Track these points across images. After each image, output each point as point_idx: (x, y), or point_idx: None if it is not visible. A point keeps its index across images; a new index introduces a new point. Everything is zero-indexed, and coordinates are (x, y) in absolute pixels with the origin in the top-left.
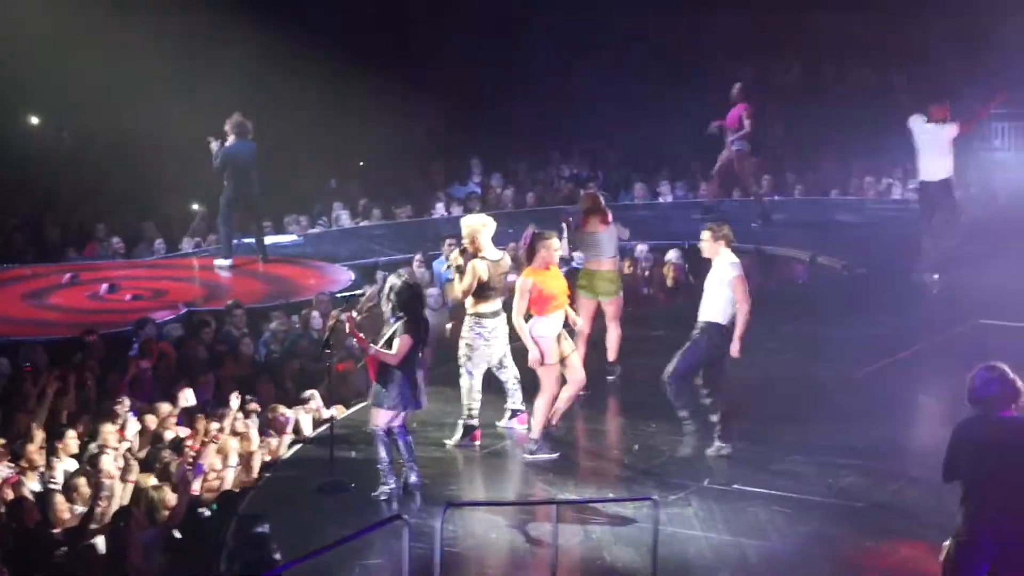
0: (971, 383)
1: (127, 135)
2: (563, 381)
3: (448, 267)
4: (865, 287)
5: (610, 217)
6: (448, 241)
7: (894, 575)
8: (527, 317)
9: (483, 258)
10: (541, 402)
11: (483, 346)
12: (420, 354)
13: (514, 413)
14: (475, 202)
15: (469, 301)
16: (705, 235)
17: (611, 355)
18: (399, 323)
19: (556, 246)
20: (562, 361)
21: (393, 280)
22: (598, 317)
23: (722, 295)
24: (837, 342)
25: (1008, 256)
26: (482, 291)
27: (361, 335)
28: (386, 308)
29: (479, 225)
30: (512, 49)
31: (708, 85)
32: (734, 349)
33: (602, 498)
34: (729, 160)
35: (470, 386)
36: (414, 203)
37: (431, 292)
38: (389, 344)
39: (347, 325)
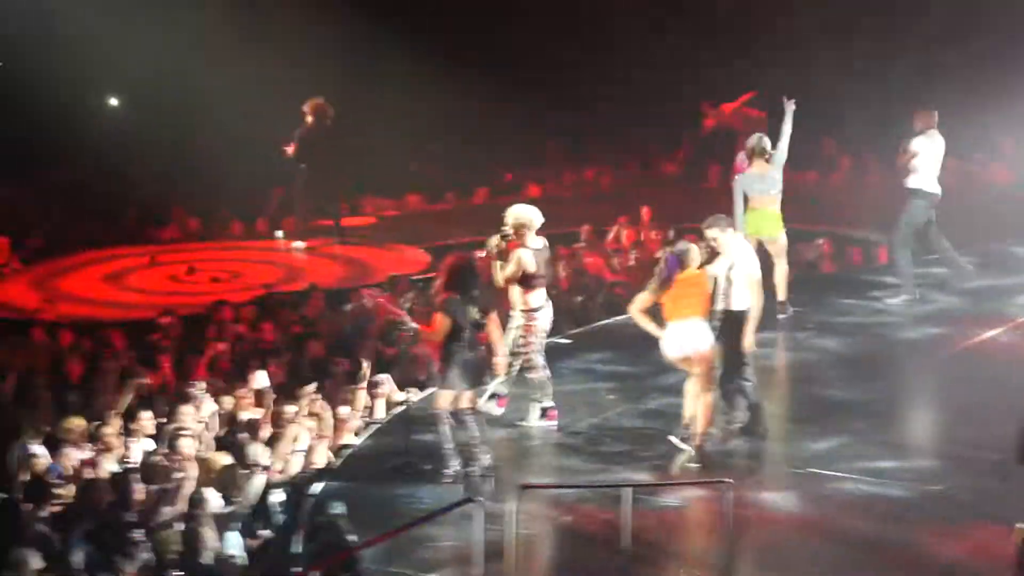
0: None
1: (206, 117)
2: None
3: (487, 252)
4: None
5: (769, 157)
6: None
7: (969, 559)
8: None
9: (528, 247)
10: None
11: (538, 336)
12: (471, 334)
13: (544, 411)
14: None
15: (517, 293)
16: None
17: (780, 293)
18: (440, 299)
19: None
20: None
21: (449, 258)
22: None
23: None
24: (913, 324)
25: None
26: (528, 282)
27: (400, 311)
28: (437, 284)
29: (526, 218)
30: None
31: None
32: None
33: (677, 481)
34: None
35: (543, 374)
36: (491, 185)
37: None
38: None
39: (381, 305)
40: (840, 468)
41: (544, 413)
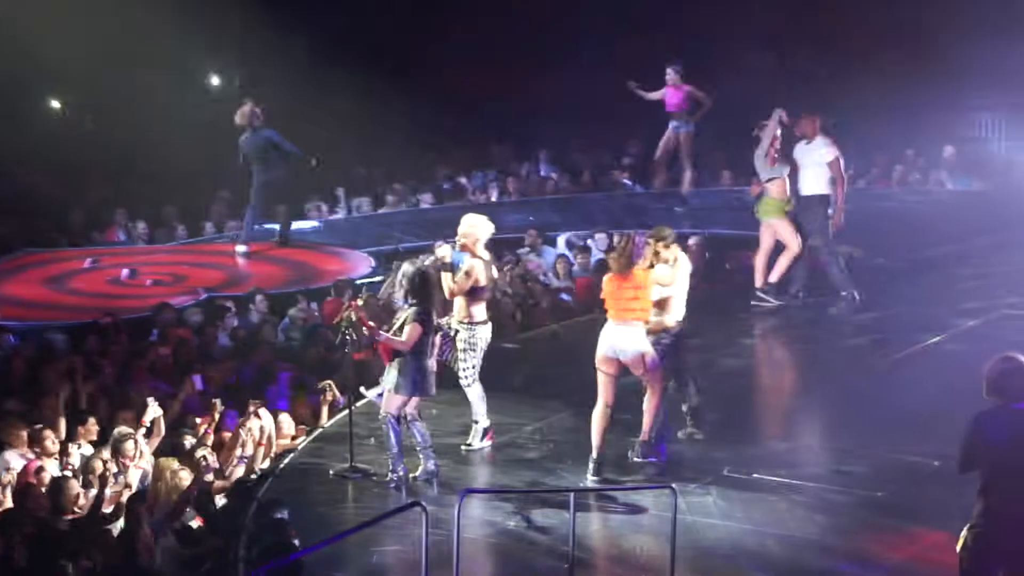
0: (988, 374)
1: (150, 120)
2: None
3: (436, 261)
4: (881, 276)
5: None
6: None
7: (912, 565)
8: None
9: (479, 257)
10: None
11: (479, 352)
12: (432, 341)
13: (485, 432)
14: (493, 189)
15: (460, 304)
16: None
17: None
18: (411, 310)
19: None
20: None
21: (406, 267)
22: None
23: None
24: (855, 331)
25: None
26: (475, 294)
27: (370, 322)
28: (398, 294)
29: (480, 228)
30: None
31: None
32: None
33: (620, 486)
34: (673, 144)
35: (479, 392)
36: (434, 191)
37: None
38: (401, 330)
39: (353, 313)
40: (783, 474)
41: (485, 433)
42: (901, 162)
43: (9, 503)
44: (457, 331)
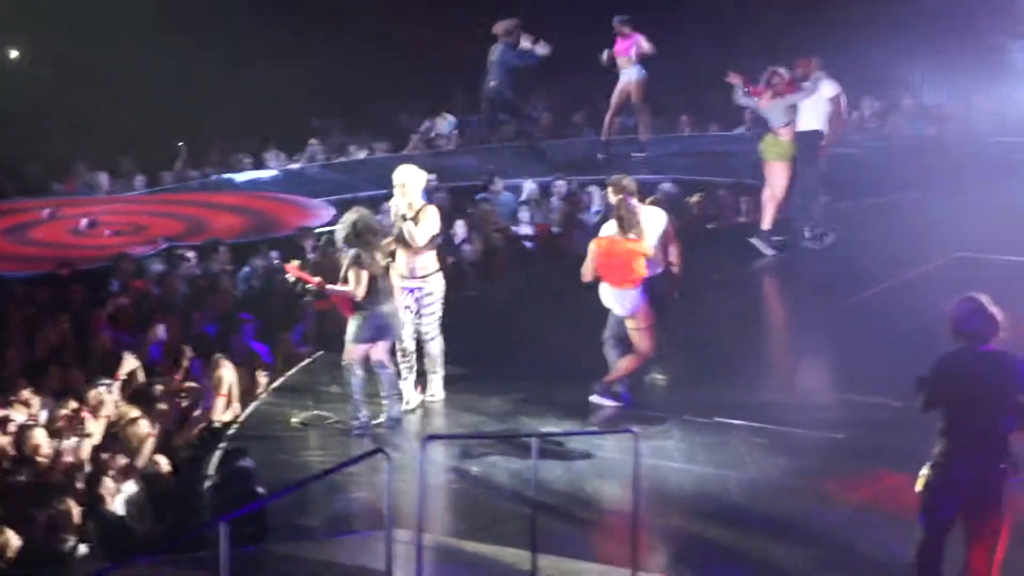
0: (953, 315)
1: (109, 69)
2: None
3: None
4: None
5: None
6: None
7: (873, 505)
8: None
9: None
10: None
11: (439, 302)
12: (386, 283)
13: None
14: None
15: (431, 256)
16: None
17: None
18: (350, 254)
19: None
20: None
21: (348, 214)
22: None
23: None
24: (814, 276)
25: (987, 187)
26: (433, 243)
27: (315, 277)
28: (340, 241)
29: (414, 175)
30: None
31: None
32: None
33: (582, 431)
34: (626, 91)
35: (441, 344)
36: (392, 139)
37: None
38: (347, 280)
39: (292, 276)
40: (743, 417)
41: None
42: (857, 108)
43: None
44: (422, 286)
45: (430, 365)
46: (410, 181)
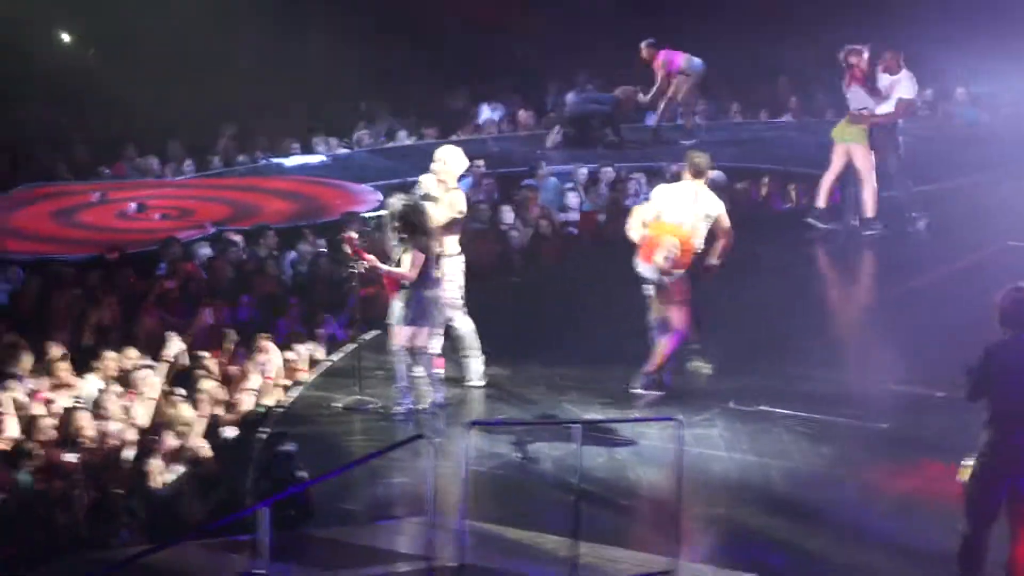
0: (1001, 304)
1: (157, 53)
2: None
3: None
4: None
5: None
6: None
7: (917, 496)
8: None
9: (457, 190)
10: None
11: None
12: (435, 271)
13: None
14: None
15: (453, 241)
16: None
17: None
18: (403, 243)
19: None
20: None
21: (393, 202)
22: None
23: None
24: (863, 263)
25: None
26: (457, 226)
27: (369, 256)
28: (390, 232)
29: (454, 158)
30: None
31: None
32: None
33: (626, 418)
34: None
35: (471, 324)
36: (441, 124)
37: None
38: (399, 262)
39: (349, 248)
40: (788, 406)
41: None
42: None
43: (17, 433)
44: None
45: (461, 350)
46: (451, 160)
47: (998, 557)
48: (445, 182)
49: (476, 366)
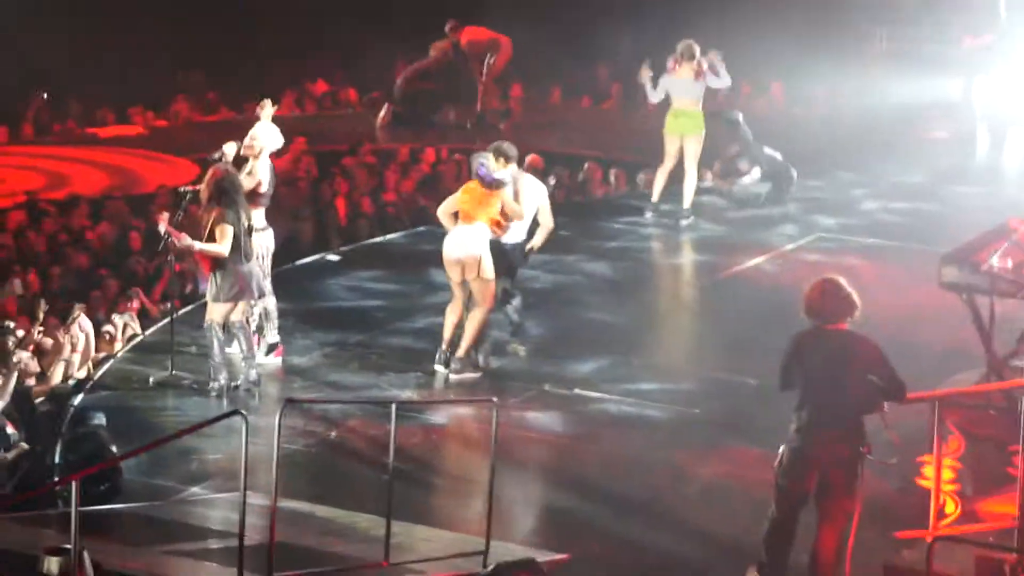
0: (808, 295)
1: None
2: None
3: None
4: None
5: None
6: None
7: (727, 481)
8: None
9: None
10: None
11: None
12: (248, 242)
13: (271, 347)
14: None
15: (259, 214)
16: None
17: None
18: (215, 213)
19: None
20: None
21: (210, 171)
22: None
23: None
24: (685, 251)
25: (851, 172)
26: (256, 199)
27: (181, 234)
28: (203, 198)
29: (267, 136)
30: None
31: None
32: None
33: (442, 399)
34: None
35: (273, 301)
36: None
37: None
38: (212, 237)
39: (162, 226)
40: (603, 390)
41: (271, 349)
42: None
43: None
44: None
45: (265, 326)
46: (262, 136)
47: (804, 543)
48: (252, 152)
49: (272, 340)
